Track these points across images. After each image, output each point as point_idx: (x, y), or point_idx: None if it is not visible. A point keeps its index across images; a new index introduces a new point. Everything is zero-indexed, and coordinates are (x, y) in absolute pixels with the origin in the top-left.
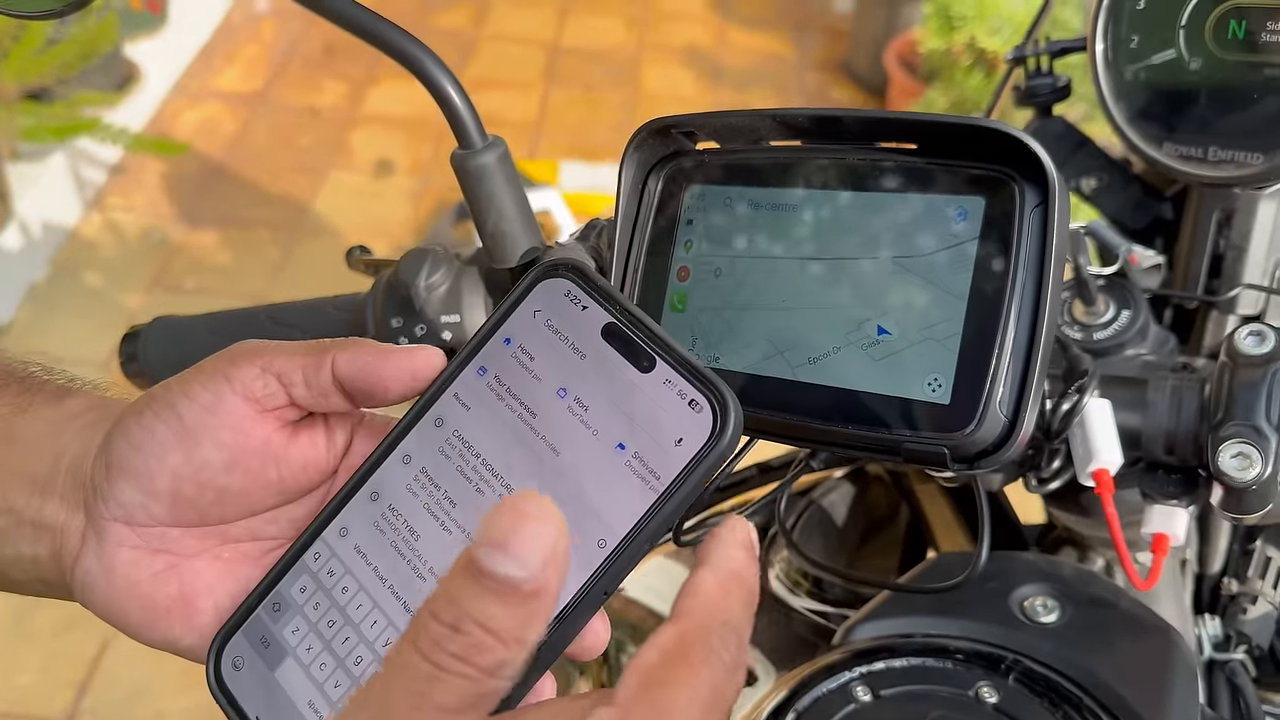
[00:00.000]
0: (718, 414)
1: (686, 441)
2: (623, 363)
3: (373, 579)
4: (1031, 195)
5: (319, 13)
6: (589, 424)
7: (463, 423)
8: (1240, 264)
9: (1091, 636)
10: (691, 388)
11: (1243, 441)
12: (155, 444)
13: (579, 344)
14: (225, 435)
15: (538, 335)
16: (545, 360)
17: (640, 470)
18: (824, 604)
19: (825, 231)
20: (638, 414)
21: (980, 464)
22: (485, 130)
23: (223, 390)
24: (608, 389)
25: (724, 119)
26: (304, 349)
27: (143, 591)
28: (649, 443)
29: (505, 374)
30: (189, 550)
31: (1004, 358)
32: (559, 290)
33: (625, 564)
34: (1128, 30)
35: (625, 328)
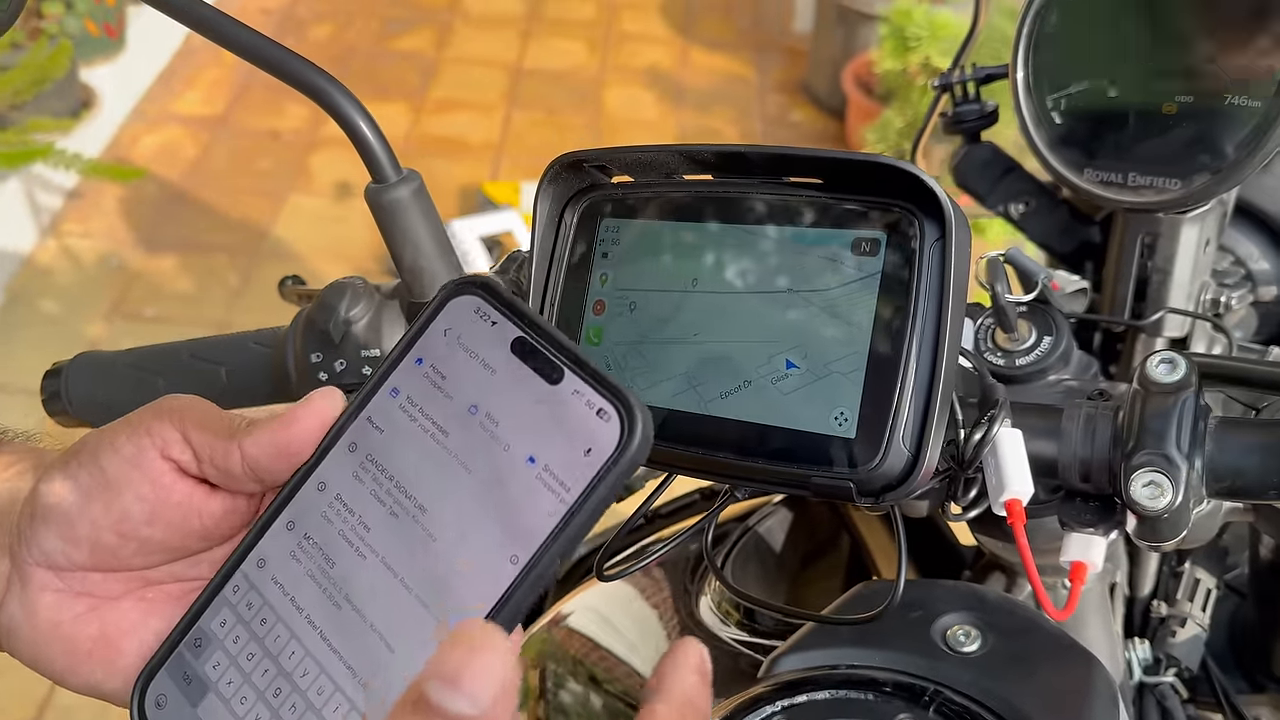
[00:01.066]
0: (625, 421)
1: (595, 451)
2: (532, 376)
3: (290, 609)
4: (931, 229)
5: (229, 48)
6: (499, 439)
7: (375, 446)
8: (1165, 287)
9: (1012, 666)
10: (599, 397)
11: (1154, 470)
12: (78, 492)
13: (488, 360)
14: (146, 489)
15: (448, 353)
16: (456, 378)
17: (550, 483)
18: (755, 634)
19: (735, 266)
20: (547, 426)
21: (885, 498)
22: (400, 164)
23: (145, 445)
24: (517, 403)
25: (635, 154)
26: (216, 427)
27: (64, 633)
28: (559, 454)
29: (417, 394)
30: (112, 593)
31: (906, 391)
32: (469, 307)
33: (538, 579)
34: (1048, 57)
35: (533, 341)
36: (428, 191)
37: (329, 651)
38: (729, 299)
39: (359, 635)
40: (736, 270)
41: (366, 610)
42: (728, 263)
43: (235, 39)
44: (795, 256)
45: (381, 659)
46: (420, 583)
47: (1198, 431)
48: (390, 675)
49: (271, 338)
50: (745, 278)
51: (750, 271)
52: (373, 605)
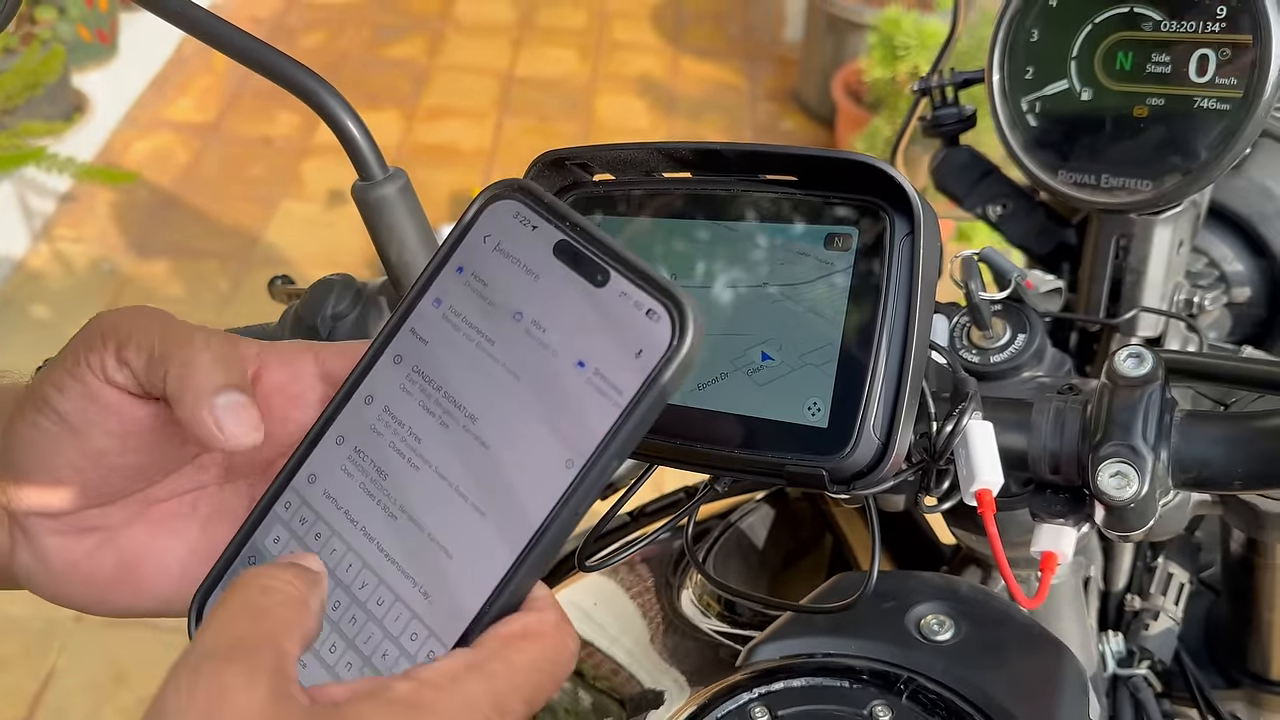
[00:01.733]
0: (675, 320)
1: (646, 353)
2: (576, 279)
3: (344, 523)
4: (901, 225)
5: (219, 49)
6: (547, 345)
7: (421, 357)
8: (1139, 287)
9: (984, 654)
10: (648, 297)
11: (1120, 461)
12: (46, 440)
13: (531, 265)
14: (111, 424)
15: (489, 260)
16: (499, 285)
17: (602, 386)
18: (735, 625)
19: (712, 260)
20: (595, 330)
21: (857, 485)
22: (386, 162)
23: (89, 379)
24: (563, 307)
25: (615, 152)
26: (150, 346)
27: (82, 572)
28: (608, 358)
29: (459, 303)
30: (116, 521)
31: (877, 382)
32: (508, 212)
33: (594, 482)
34: (1023, 62)
35: (576, 243)
36: (413, 189)
37: (387, 562)
38: (707, 293)
39: (416, 544)
40: (714, 265)
41: (423, 519)
42: (706, 258)
43: (225, 39)
44: (771, 251)
45: (441, 566)
46: (476, 490)
47: (1163, 424)
48: (450, 581)
49: (260, 333)
50: (723, 272)
51: (728, 266)
52: (429, 514)
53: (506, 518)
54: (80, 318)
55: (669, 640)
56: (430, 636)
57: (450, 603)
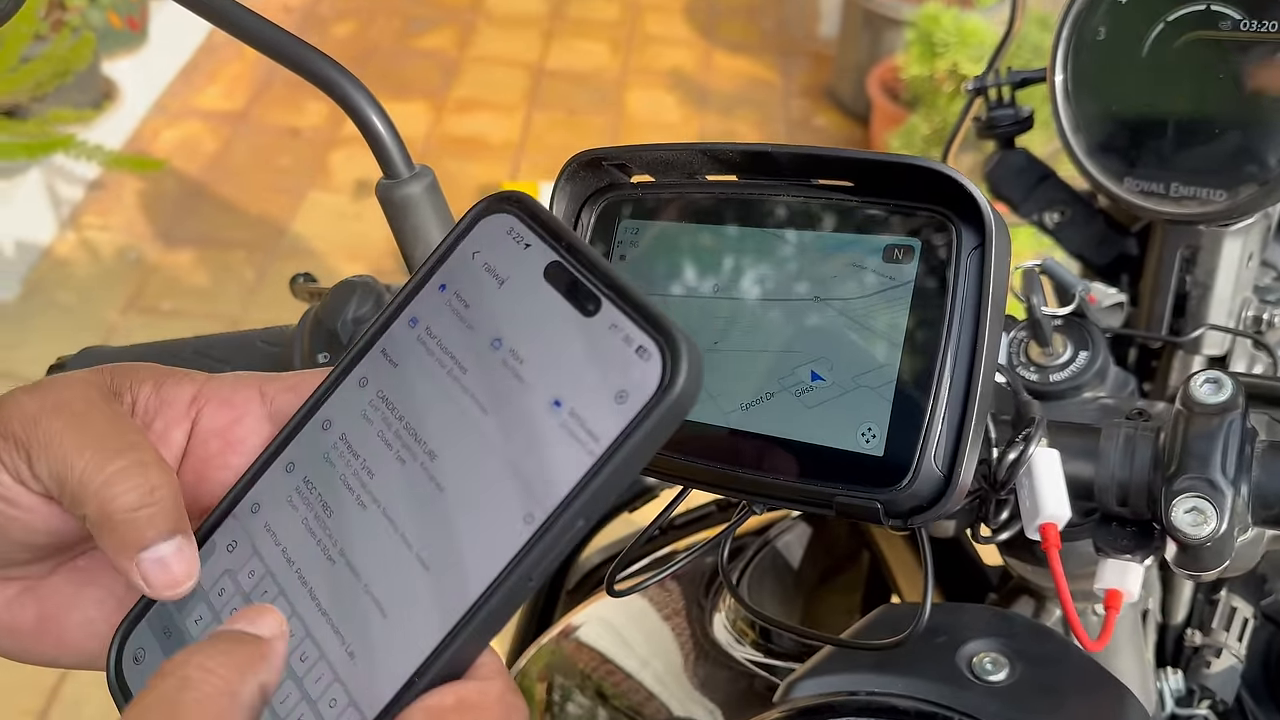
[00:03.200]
0: (667, 361)
1: (632, 396)
2: (565, 306)
3: (280, 562)
4: (969, 237)
5: (247, 41)
6: (523, 378)
7: (388, 382)
8: (1205, 303)
9: (1041, 697)
10: (640, 332)
11: (1197, 495)
12: None
13: (518, 286)
14: (35, 519)
15: (475, 279)
16: (480, 307)
17: (576, 430)
18: (771, 654)
19: (758, 271)
20: (578, 365)
21: (914, 520)
22: (412, 160)
23: (2, 478)
24: (547, 337)
25: (656, 152)
26: (60, 465)
27: (3, 621)
28: (589, 398)
29: (436, 325)
30: (39, 573)
31: (939, 408)
32: (501, 227)
33: (554, 543)
34: (1089, 61)
35: (570, 266)
36: (440, 188)
37: (318, 613)
38: (751, 306)
39: (350, 595)
40: (760, 276)
41: (361, 568)
42: (751, 268)
43: (253, 32)
44: (822, 263)
45: (372, 623)
46: (422, 540)
47: (1244, 456)
48: (380, 642)
49: (279, 336)
50: (769, 284)
51: (774, 278)
52: (368, 562)
53: (450, 575)
54: (106, 307)
55: (700, 667)
56: (350, 706)
57: (377, 667)
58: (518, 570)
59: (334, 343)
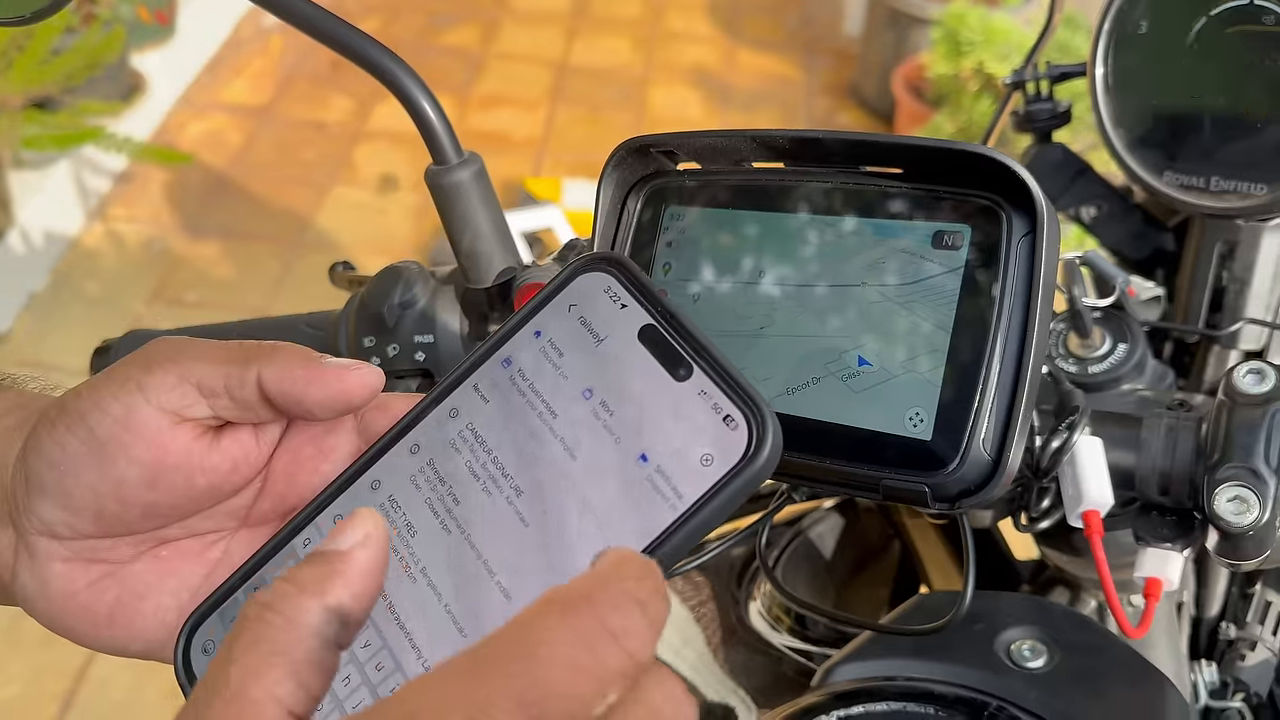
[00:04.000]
0: (754, 433)
1: (717, 460)
2: (657, 368)
3: None
4: (1020, 224)
5: (296, 25)
6: (612, 430)
7: (478, 416)
8: (1243, 297)
9: (1080, 684)
10: (729, 402)
11: (1240, 484)
12: (69, 460)
13: (612, 344)
14: (140, 451)
15: (570, 330)
16: (574, 358)
17: (662, 486)
18: (807, 640)
19: (805, 257)
20: (667, 425)
21: (962, 503)
22: (461, 146)
23: (135, 402)
24: (637, 394)
25: (704, 139)
26: (226, 355)
27: (81, 603)
28: (675, 457)
29: (530, 368)
30: (124, 556)
31: (988, 393)
32: (598, 285)
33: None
34: (1130, 56)
35: (664, 331)
36: (488, 175)
37: (395, 626)
38: (798, 292)
39: (430, 612)
40: (807, 262)
41: (442, 587)
42: (798, 254)
43: (304, 16)
44: (871, 249)
45: (450, 642)
46: (504, 569)
47: None
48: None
49: (324, 320)
50: (816, 270)
51: (822, 264)
52: (449, 583)
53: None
54: (132, 298)
55: (733, 654)
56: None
57: None
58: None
59: (380, 327)
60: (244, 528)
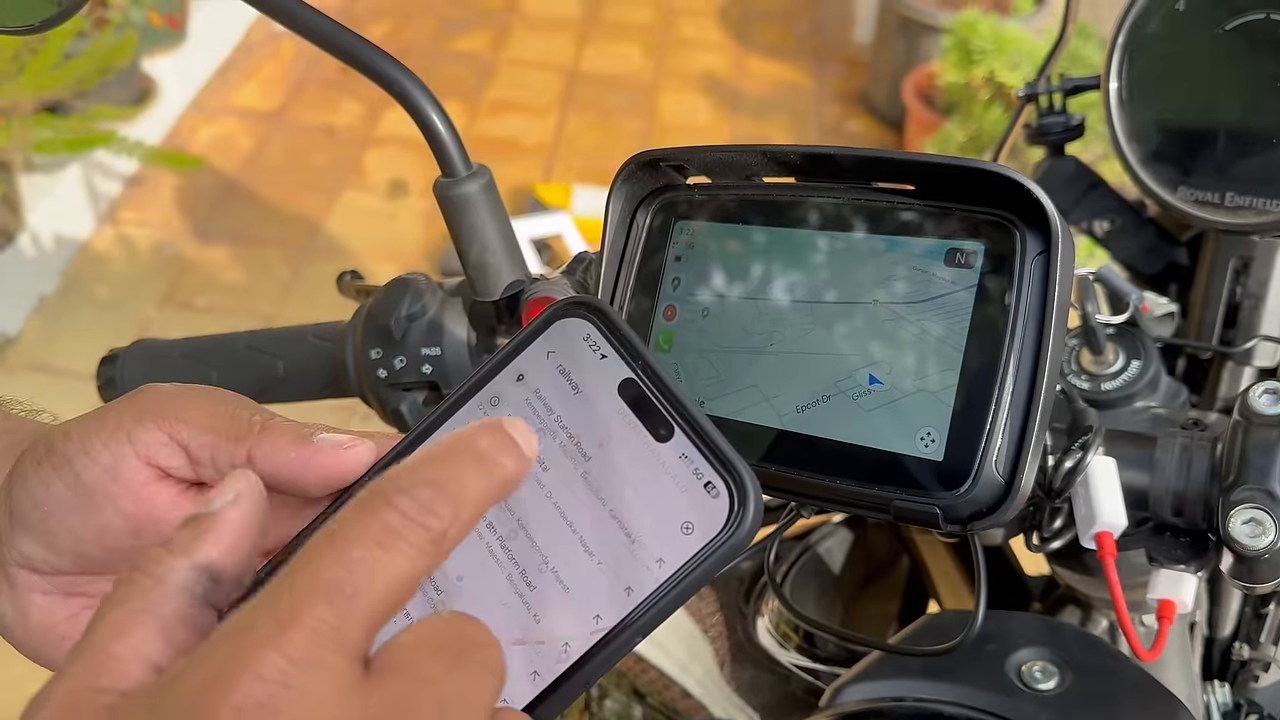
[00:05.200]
0: (735, 504)
1: (698, 529)
2: (638, 426)
3: None
4: (1034, 242)
5: (304, 35)
6: (594, 489)
7: None
8: (1257, 314)
9: (1092, 706)
10: (710, 468)
11: (1255, 507)
12: (53, 502)
13: (591, 396)
14: (126, 503)
15: (550, 380)
16: (556, 407)
17: (642, 554)
18: (815, 659)
19: (817, 274)
20: (647, 488)
21: (974, 525)
22: (470, 159)
23: (124, 453)
24: (616, 454)
25: (715, 154)
26: (215, 425)
27: (59, 635)
28: (655, 523)
29: (516, 411)
30: (104, 590)
31: (1001, 413)
32: (577, 333)
33: (612, 654)
34: (1145, 69)
35: (645, 387)
36: (497, 188)
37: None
38: (809, 309)
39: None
40: (818, 279)
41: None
42: (809, 270)
43: (312, 26)
44: (882, 266)
45: None
46: (507, 622)
47: None
48: None
49: (330, 332)
50: (827, 287)
51: (833, 280)
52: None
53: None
54: (142, 302)
55: (741, 671)
56: None
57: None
58: (579, 675)
59: (386, 339)
60: None
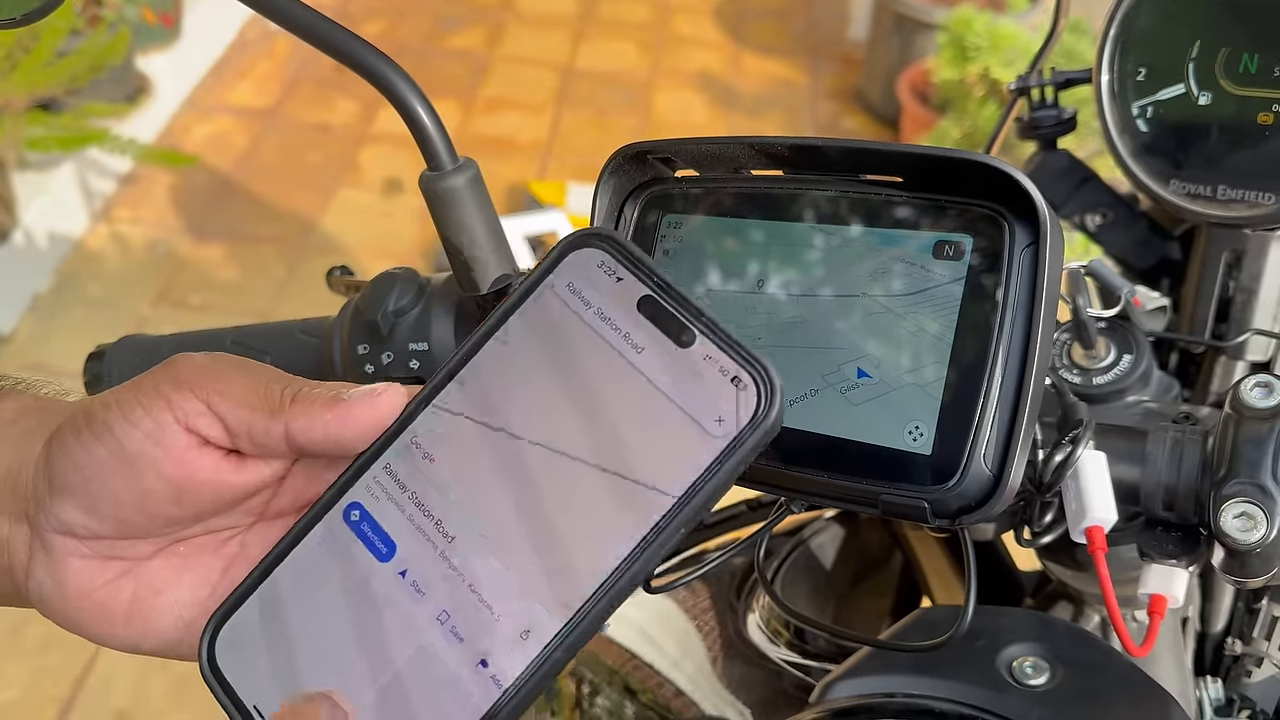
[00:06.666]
0: (763, 389)
1: (726, 421)
2: (661, 337)
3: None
4: (1022, 234)
5: (291, 29)
6: (633, 390)
7: (492, 387)
8: (1249, 308)
9: (1083, 702)
10: (734, 363)
11: (1246, 501)
12: (96, 466)
13: (615, 317)
14: (169, 468)
15: (572, 304)
16: (581, 329)
17: (691, 430)
18: (806, 655)
19: (803, 267)
20: (681, 389)
21: (962, 520)
22: (457, 152)
23: (165, 419)
24: (645, 365)
25: (702, 146)
26: (252, 400)
27: (97, 600)
28: (692, 419)
29: (540, 339)
30: (142, 554)
31: (990, 407)
32: (591, 260)
33: (664, 544)
34: (1135, 62)
35: (662, 300)
36: (484, 181)
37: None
38: (797, 302)
39: (458, 594)
40: (806, 272)
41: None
42: (796, 264)
43: (297, 19)
44: (870, 259)
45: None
46: (524, 546)
47: None
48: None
49: (318, 327)
50: (815, 280)
51: (821, 274)
52: (471, 562)
53: (559, 577)
54: (136, 299)
55: (732, 667)
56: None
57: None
58: (642, 557)
59: (374, 334)
60: (260, 521)
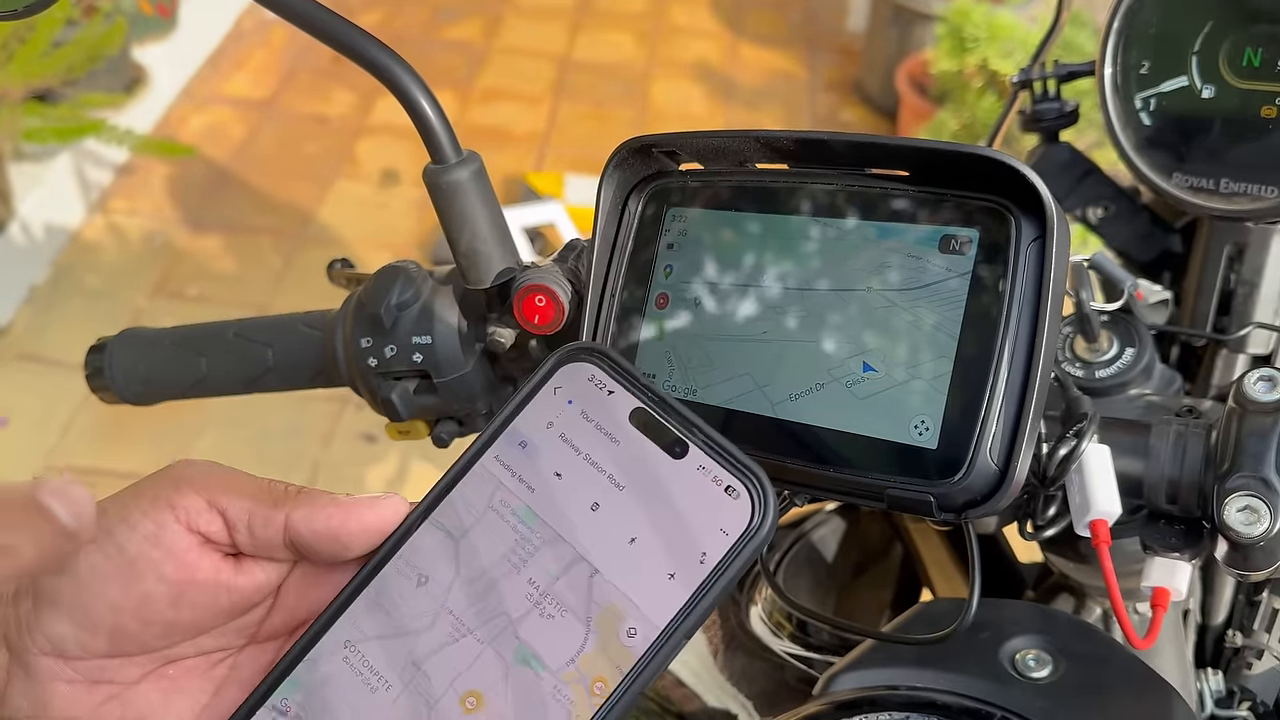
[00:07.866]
0: (756, 500)
1: (725, 530)
2: (653, 449)
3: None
4: (1029, 228)
5: (293, 21)
6: (627, 510)
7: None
8: (1251, 301)
9: (1085, 694)
10: (727, 473)
11: (1250, 494)
12: (91, 576)
13: (609, 430)
14: (169, 570)
15: (572, 420)
16: (583, 444)
17: (682, 560)
18: (808, 647)
19: (809, 261)
20: (674, 503)
21: (968, 514)
22: (460, 145)
23: (166, 520)
24: (640, 477)
25: (707, 139)
26: (255, 491)
27: None
28: (688, 532)
29: (547, 452)
30: (131, 677)
31: (995, 401)
32: (582, 375)
33: (661, 661)
34: (1138, 55)
35: (654, 412)
36: (487, 174)
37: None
38: (802, 296)
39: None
40: (811, 266)
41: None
42: (802, 258)
43: (300, 12)
44: (876, 252)
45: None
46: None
47: None
48: None
49: (321, 320)
50: (821, 274)
51: (826, 267)
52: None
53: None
54: (133, 291)
55: (734, 659)
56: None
57: None
58: (634, 685)
59: (377, 327)
60: (252, 644)
